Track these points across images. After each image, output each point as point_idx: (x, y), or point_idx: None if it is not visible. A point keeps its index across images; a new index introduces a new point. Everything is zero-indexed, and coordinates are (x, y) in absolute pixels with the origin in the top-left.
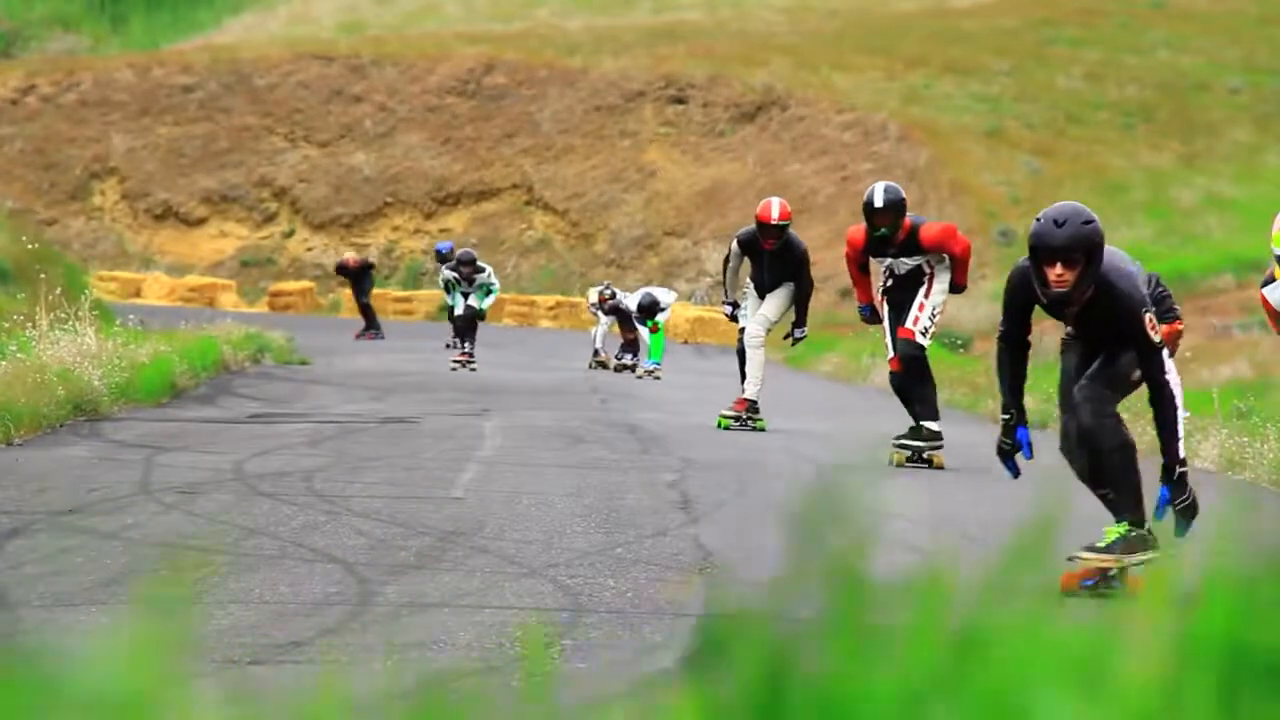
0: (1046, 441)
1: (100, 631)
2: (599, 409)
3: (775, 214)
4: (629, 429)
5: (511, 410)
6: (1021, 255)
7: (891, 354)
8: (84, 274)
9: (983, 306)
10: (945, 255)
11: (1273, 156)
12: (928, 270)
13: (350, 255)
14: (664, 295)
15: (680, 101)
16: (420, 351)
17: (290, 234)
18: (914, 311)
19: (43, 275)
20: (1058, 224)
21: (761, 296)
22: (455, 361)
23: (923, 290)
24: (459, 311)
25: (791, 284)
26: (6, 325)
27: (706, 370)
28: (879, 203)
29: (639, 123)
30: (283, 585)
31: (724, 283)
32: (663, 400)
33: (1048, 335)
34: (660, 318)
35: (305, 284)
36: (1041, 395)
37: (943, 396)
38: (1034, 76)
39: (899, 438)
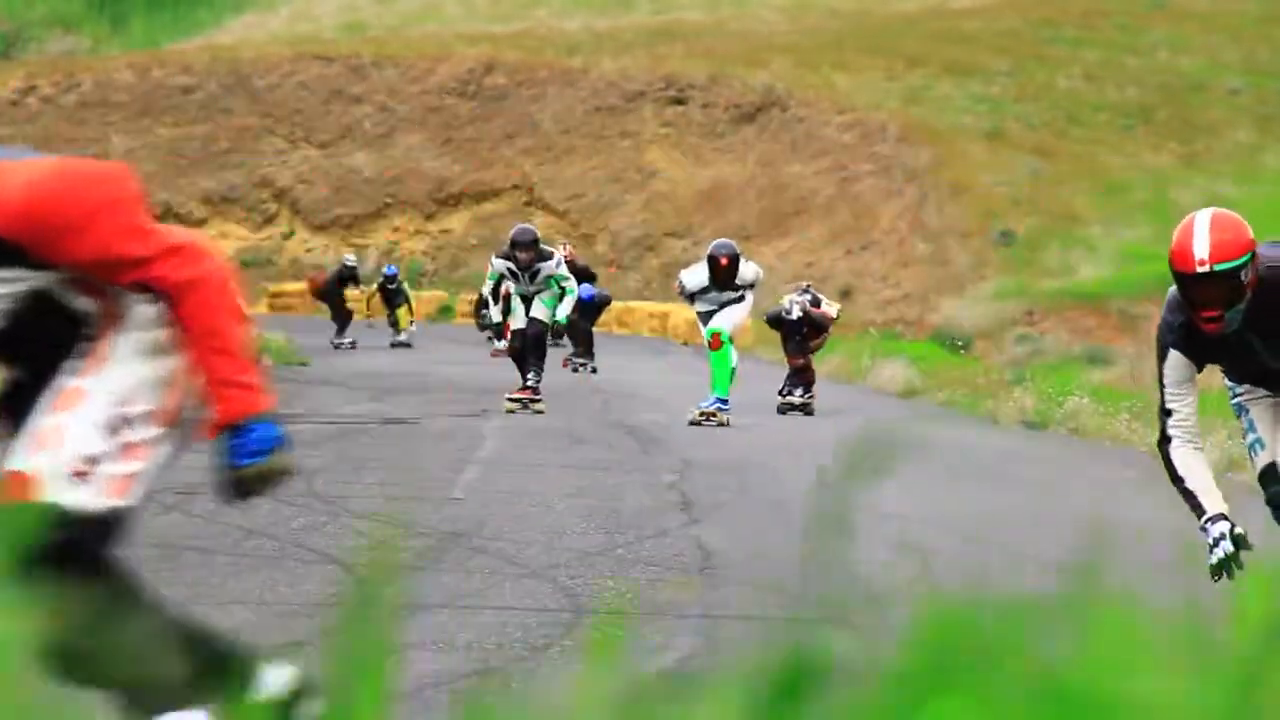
0: (1045, 445)
1: None
2: (599, 409)
3: (1203, 253)
4: (629, 429)
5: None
6: (1022, 256)
7: None
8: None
9: (981, 306)
10: None
11: (1273, 157)
12: None
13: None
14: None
15: (680, 102)
16: (423, 352)
17: (290, 235)
18: None
19: None
20: None
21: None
22: (513, 400)
23: None
24: (516, 325)
25: None
26: None
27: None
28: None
29: (639, 123)
30: (283, 586)
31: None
32: (663, 401)
33: (1049, 335)
34: (723, 321)
35: (305, 285)
36: (1040, 394)
37: (942, 396)
38: (1034, 77)
39: None
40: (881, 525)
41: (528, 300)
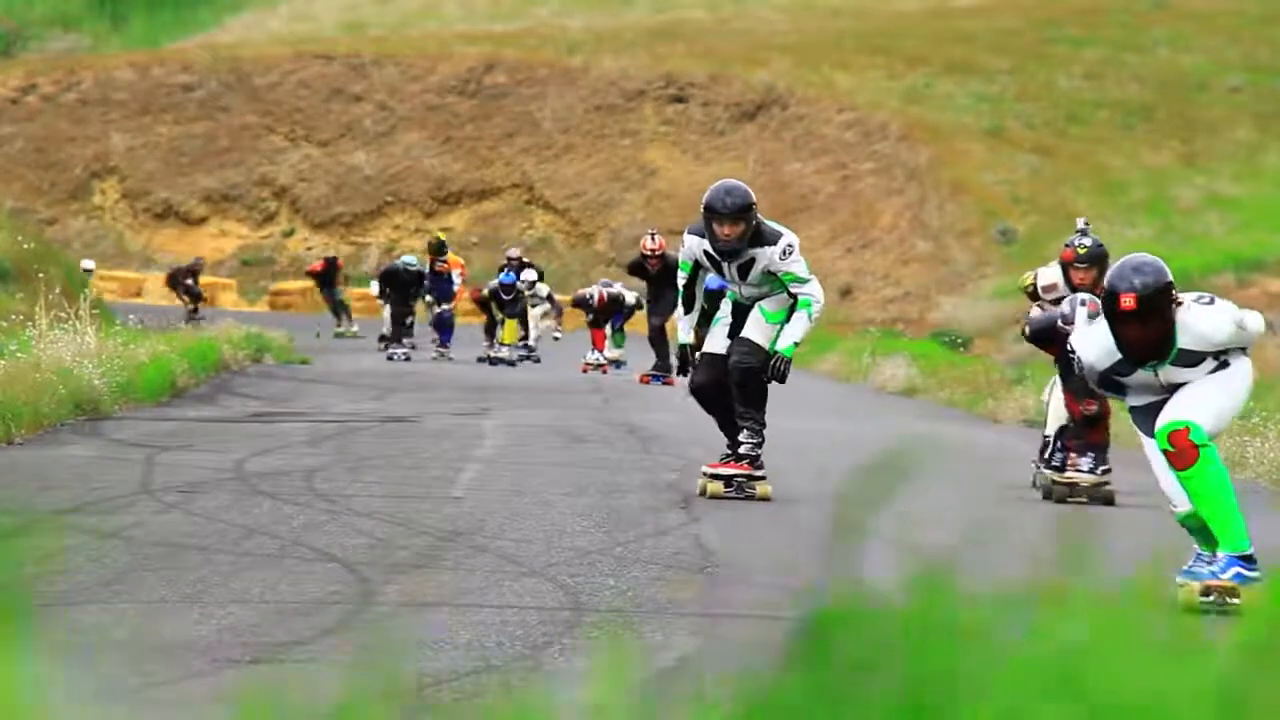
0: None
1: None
2: (599, 408)
3: None
4: (629, 428)
5: (512, 409)
6: (1022, 254)
7: None
8: (84, 273)
9: (982, 305)
10: None
11: (1273, 155)
12: None
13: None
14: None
15: (681, 100)
16: (423, 350)
17: (290, 233)
18: None
19: (41, 274)
20: None
21: None
22: (714, 476)
23: None
24: (711, 346)
25: None
26: (6, 325)
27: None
28: None
29: (639, 122)
30: (283, 584)
31: None
32: (663, 400)
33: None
34: (1190, 407)
35: (306, 283)
36: (1040, 393)
37: (942, 395)
38: (1035, 76)
39: None
40: (880, 523)
41: (741, 309)
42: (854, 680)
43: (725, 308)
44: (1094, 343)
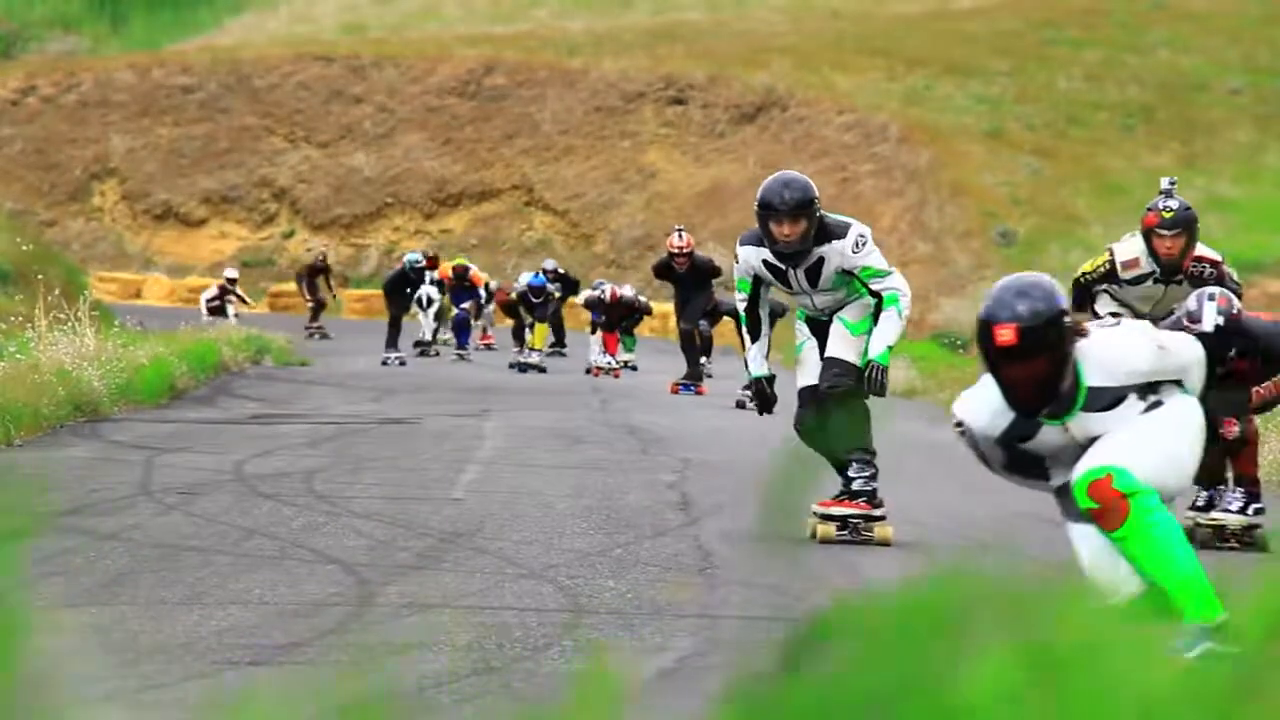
0: None
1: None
2: (598, 409)
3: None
4: (629, 429)
5: (511, 411)
6: (1022, 256)
7: None
8: (83, 275)
9: (981, 306)
10: None
11: (1273, 157)
12: None
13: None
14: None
15: (680, 102)
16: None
17: (290, 235)
18: None
19: (41, 276)
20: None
21: None
22: (827, 517)
23: None
24: (805, 378)
25: None
26: (5, 326)
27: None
28: None
29: (639, 123)
30: (283, 586)
31: None
32: (662, 401)
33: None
34: (1114, 451)
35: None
36: None
37: (942, 397)
38: (1035, 78)
39: None
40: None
41: (818, 324)
42: (848, 681)
43: (802, 330)
44: (981, 402)
